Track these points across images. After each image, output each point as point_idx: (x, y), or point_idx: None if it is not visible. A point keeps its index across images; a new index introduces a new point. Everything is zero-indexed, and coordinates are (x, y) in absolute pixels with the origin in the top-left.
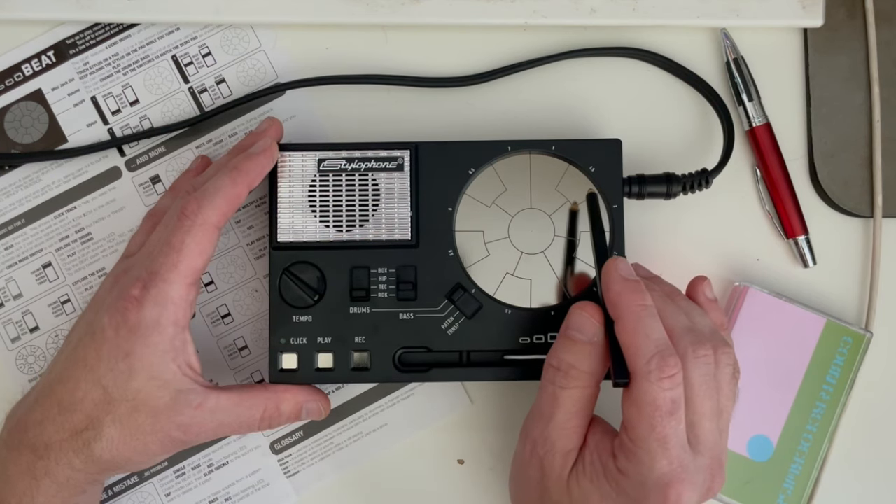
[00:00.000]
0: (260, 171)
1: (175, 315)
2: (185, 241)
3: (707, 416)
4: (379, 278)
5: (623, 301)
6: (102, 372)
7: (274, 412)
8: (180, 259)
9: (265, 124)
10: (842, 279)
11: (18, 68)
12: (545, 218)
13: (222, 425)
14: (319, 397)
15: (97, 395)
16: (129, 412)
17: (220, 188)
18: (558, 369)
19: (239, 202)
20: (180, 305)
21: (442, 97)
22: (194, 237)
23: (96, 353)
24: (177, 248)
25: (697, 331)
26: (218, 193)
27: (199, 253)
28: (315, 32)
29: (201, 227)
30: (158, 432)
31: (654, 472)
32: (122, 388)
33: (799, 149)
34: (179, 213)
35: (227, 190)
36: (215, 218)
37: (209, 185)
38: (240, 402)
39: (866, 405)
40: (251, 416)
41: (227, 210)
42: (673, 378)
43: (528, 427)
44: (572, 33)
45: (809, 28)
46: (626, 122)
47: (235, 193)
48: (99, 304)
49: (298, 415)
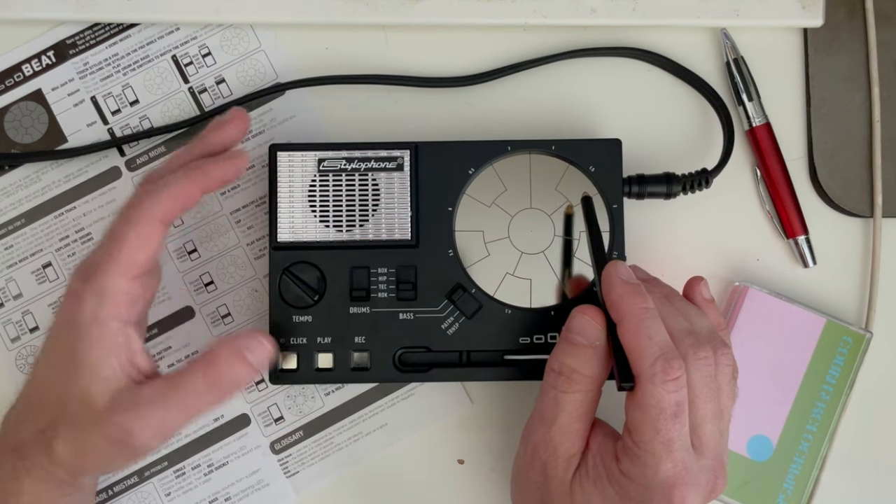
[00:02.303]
0: (220, 178)
1: (116, 310)
2: (126, 232)
3: (709, 417)
4: (379, 278)
5: (625, 304)
6: (56, 370)
7: (213, 375)
8: (119, 250)
9: (230, 115)
10: (842, 279)
11: (18, 68)
12: (545, 218)
13: (167, 418)
14: (258, 335)
15: (54, 393)
16: (78, 412)
17: (170, 184)
18: (560, 373)
19: (189, 202)
20: (122, 300)
21: (442, 97)
22: (135, 228)
23: (51, 351)
24: (117, 239)
25: (697, 332)
26: (167, 189)
27: (140, 246)
28: (315, 32)
29: (144, 220)
30: (102, 434)
31: (659, 475)
32: (71, 387)
33: (799, 149)
34: (127, 203)
35: (178, 187)
36: (160, 212)
37: (164, 180)
38: (173, 383)
39: (866, 405)
40: (192, 390)
41: (174, 207)
42: (678, 380)
43: (529, 431)
44: (572, 33)
45: (809, 28)
46: (626, 122)
47: (185, 192)
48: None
49: (246, 364)
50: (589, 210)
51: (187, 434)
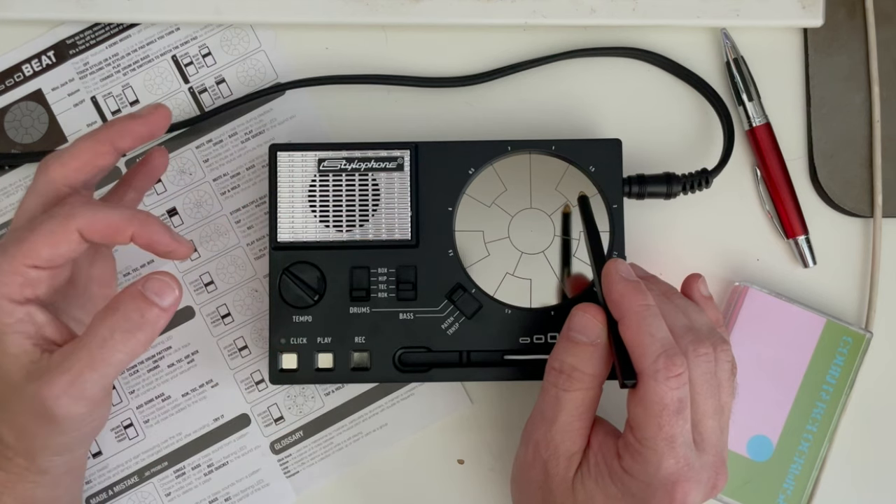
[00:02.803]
0: (133, 132)
1: (7, 290)
2: (25, 199)
3: (710, 413)
4: (379, 278)
5: (626, 302)
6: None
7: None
8: (17, 217)
9: (148, 109)
10: (842, 279)
11: (18, 68)
12: (545, 218)
13: (79, 376)
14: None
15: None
16: (3, 391)
17: (77, 140)
18: (561, 372)
19: (99, 161)
20: (13, 281)
21: (442, 97)
22: (36, 191)
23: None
24: (17, 209)
25: (696, 329)
26: (72, 148)
27: (47, 242)
28: (315, 32)
29: (45, 184)
30: (26, 408)
31: (661, 472)
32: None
33: (799, 149)
34: (37, 167)
35: (83, 144)
36: (57, 174)
37: (74, 139)
38: (79, 340)
39: (866, 405)
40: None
41: (78, 166)
42: (680, 377)
43: (530, 430)
44: (572, 33)
45: (809, 28)
46: (625, 122)
47: (91, 149)
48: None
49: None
50: (586, 209)
51: (187, 434)
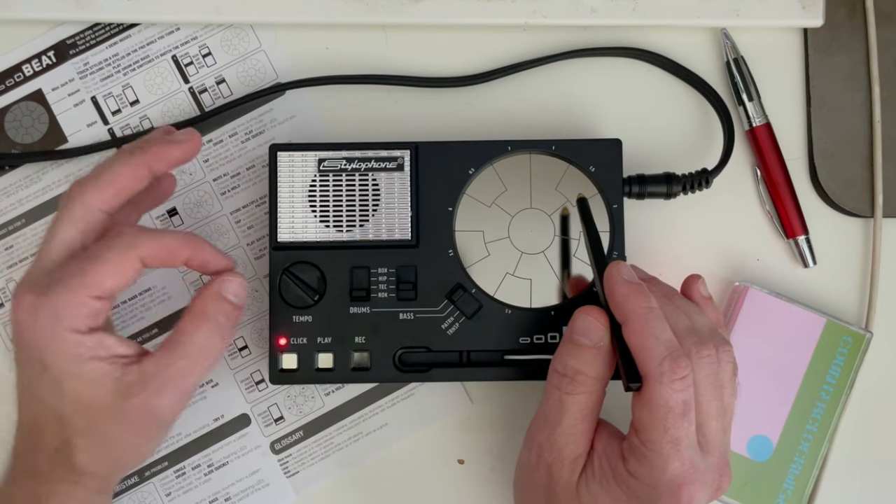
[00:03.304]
0: (166, 157)
1: (74, 324)
2: (59, 228)
3: (713, 415)
4: (379, 278)
5: (629, 304)
6: (38, 391)
7: (207, 324)
8: (51, 247)
9: (184, 135)
10: (842, 279)
11: (18, 68)
12: (545, 218)
13: (181, 379)
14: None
15: (49, 414)
16: (86, 420)
17: (110, 164)
18: (564, 375)
19: (136, 186)
20: (82, 314)
21: (442, 97)
22: (72, 219)
23: (26, 375)
24: (48, 238)
25: (698, 331)
26: (107, 172)
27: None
28: (315, 32)
29: (82, 212)
30: (124, 424)
31: (667, 474)
32: (64, 402)
33: (799, 149)
34: (67, 193)
35: (120, 168)
36: (96, 200)
37: (105, 164)
38: (173, 347)
39: (866, 405)
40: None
41: (116, 192)
42: (685, 379)
43: (533, 433)
44: (572, 33)
45: (809, 28)
46: (626, 122)
47: (129, 173)
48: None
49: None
50: (585, 211)
51: (187, 434)
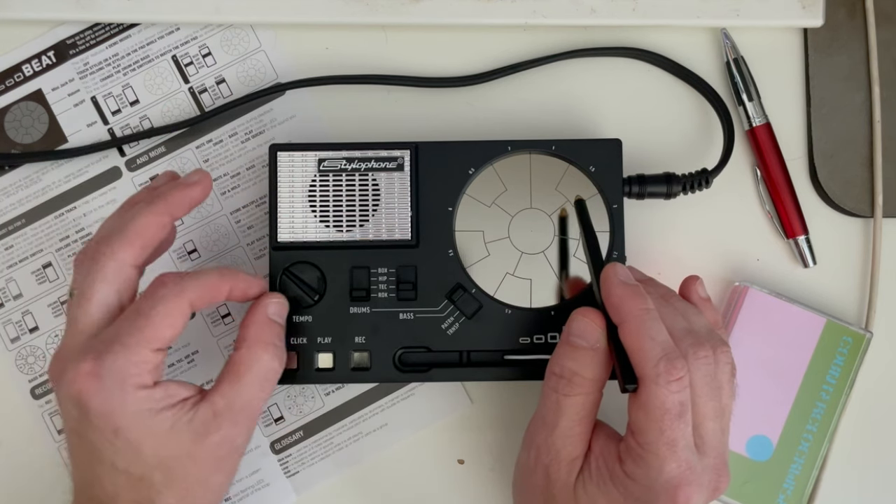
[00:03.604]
0: (186, 202)
1: (142, 380)
2: (95, 290)
3: (710, 416)
4: (379, 278)
5: (626, 306)
6: (111, 458)
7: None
8: (90, 310)
9: (196, 177)
10: (842, 279)
11: (18, 68)
12: (545, 218)
13: (247, 403)
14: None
15: (125, 480)
16: (168, 474)
17: (134, 218)
18: (561, 377)
19: (161, 235)
20: (140, 366)
21: (442, 97)
22: (106, 278)
23: (91, 445)
24: (82, 302)
25: (696, 332)
26: (132, 226)
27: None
28: (315, 32)
29: (115, 269)
30: (205, 465)
31: (663, 476)
32: (140, 460)
33: (799, 149)
34: (92, 253)
35: (144, 220)
36: (128, 256)
37: (126, 218)
38: (233, 380)
39: (866, 405)
40: (254, 365)
41: (144, 244)
42: (681, 380)
43: (531, 435)
44: (572, 33)
45: (809, 28)
46: (626, 122)
47: (154, 223)
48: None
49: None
50: (583, 213)
51: None
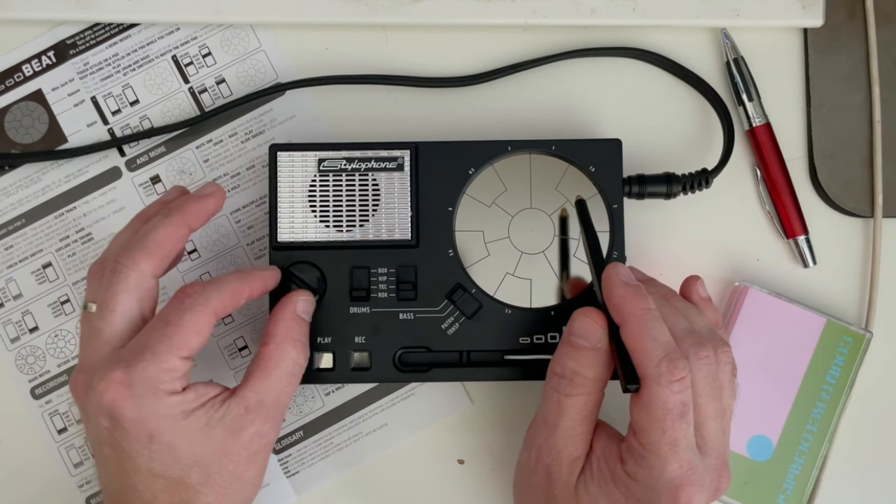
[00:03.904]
0: (202, 213)
1: (173, 386)
2: (117, 300)
3: (712, 416)
4: (379, 278)
5: (627, 306)
6: (147, 465)
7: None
8: (113, 321)
9: (209, 189)
10: (842, 279)
11: (18, 68)
12: (545, 218)
13: (274, 398)
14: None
15: (163, 485)
16: (205, 473)
17: (154, 229)
18: (562, 377)
19: (179, 246)
20: (170, 373)
21: (442, 97)
22: (128, 289)
23: (125, 455)
24: (104, 314)
25: (697, 332)
26: (152, 238)
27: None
28: (315, 32)
29: (138, 280)
30: (245, 458)
31: (665, 476)
32: (178, 463)
33: (799, 149)
34: (112, 265)
35: (164, 232)
36: (149, 267)
37: (145, 230)
38: (262, 375)
39: (866, 405)
40: (280, 359)
41: (165, 255)
42: (683, 381)
43: (532, 435)
44: (572, 33)
45: (809, 28)
46: (626, 122)
47: (173, 236)
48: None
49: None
50: (583, 213)
51: None
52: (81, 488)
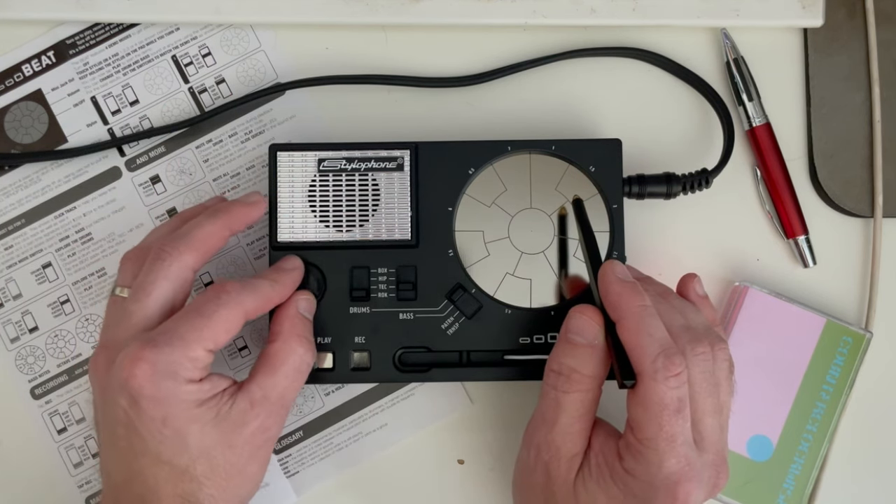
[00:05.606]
0: (246, 219)
1: (193, 375)
2: (156, 286)
3: (709, 412)
4: (379, 278)
5: (623, 303)
6: (156, 449)
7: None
8: (147, 304)
9: (254, 198)
10: (842, 279)
11: (18, 68)
12: (545, 218)
13: (280, 392)
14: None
15: (168, 472)
16: (209, 465)
17: (200, 226)
18: (560, 374)
19: (220, 245)
20: (193, 362)
21: (442, 97)
22: (168, 277)
23: (137, 436)
24: (140, 296)
25: (693, 328)
26: (197, 234)
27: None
28: (315, 32)
29: (179, 271)
30: (248, 452)
31: (663, 472)
32: (185, 452)
33: (799, 149)
34: (157, 252)
35: (208, 230)
36: (191, 260)
37: (190, 226)
38: (267, 370)
39: (866, 405)
40: (286, 354)
41: (207, 251)
42: (679, 376)
43: (530, 433)
44: (572, 33)
45: (809, 28)
46: (626, 122)
47: (216, 234)
48: (106, 381)
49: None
50: (581, 212)
51: None
52: (81, 488)
